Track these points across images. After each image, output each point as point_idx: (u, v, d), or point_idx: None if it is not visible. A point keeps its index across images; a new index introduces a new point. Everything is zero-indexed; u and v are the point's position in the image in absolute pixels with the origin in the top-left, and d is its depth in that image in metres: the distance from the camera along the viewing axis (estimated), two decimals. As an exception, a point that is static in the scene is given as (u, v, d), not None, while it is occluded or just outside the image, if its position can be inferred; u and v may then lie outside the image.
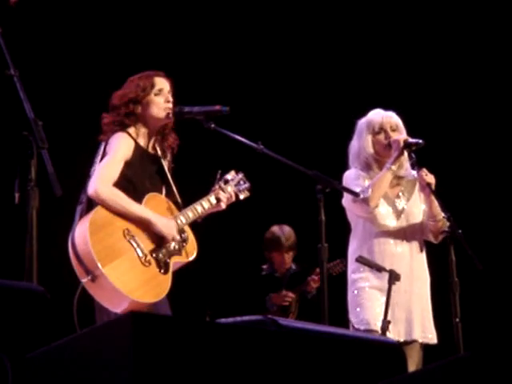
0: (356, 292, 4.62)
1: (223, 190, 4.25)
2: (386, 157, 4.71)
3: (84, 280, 3.74)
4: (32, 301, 2.59)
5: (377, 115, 4.77)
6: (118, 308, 3.76)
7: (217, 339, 2.53)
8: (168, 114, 4.11)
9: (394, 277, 4.46)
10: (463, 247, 4.40)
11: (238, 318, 2.88)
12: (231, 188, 4.30)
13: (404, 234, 4.68)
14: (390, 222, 4.67)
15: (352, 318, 4.62)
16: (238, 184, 4.35)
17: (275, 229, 6.40)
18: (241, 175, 4.39)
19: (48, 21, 6.40)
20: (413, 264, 4.64)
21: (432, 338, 4.63)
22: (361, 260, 4.53)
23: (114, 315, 3.78)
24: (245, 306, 6.11)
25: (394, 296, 4.50)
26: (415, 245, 4.69)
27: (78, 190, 4.02)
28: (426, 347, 4.67)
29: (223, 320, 2.90)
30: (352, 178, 4.70)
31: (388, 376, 2.76)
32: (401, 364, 2.95)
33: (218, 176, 4.30)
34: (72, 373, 2.42)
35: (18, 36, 4.45)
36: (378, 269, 4.50)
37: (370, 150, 4.72)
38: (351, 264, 4.70)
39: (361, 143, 4.75)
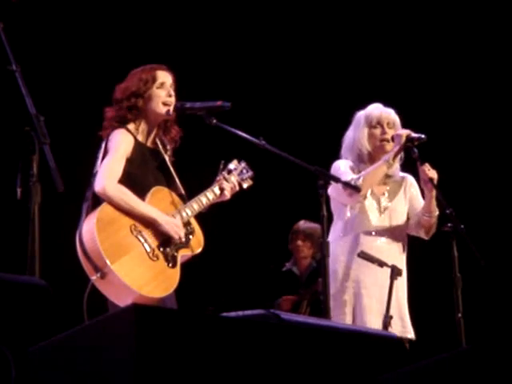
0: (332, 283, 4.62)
1: (227, 180, 4.26)
2: (379, 152, 4.73)
3: (93, 277, 3.74)
4: (34, 295, 2.59)
5: (376, 109, 4.78)
6: (127, 303, 3.75)
7: (219, 333, 2.54)
8: (168, 110, 4.11)
9: (395, 272, 4.47)
10: (465, 243, 4.40)
11: (240, 312, 2.88)
12: (234, 178, 4.30)
13: (386, 230, 4.69)
14: (373, 215, 4.70)
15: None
16: (240, 173, 4.35)
17: (301, 220, 6.36)
18: (243, 164, 4.39)
19: (49, 16, 6.40)
20: (391, 260, 4.60)
21: (409, 331, 4.61)
22: (362, 255, 4.53)
23: None
24: (257, 303, 6.07)
25: (372, 289, 4.54)
26: (396, 243, 4.70)
27: (80, 186, 4.02)
28: (427, 341, 4.67)
29: (225, 314, 2.91)
30: (342, 166, 4.68)
31: (389, 369, 2.76)
32: (402, 357, 2.96)
33: (221, 166, 4.30)
34: (74, 366, 2.43)
35: (20, 31, 4.45)
36: (380, 264, 4.51)
37: (365, 142, 4.74)
38: (332, 254, 4.69)
39: (356, 135, 4.76)
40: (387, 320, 4.43)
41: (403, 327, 4.60)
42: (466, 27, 7.06)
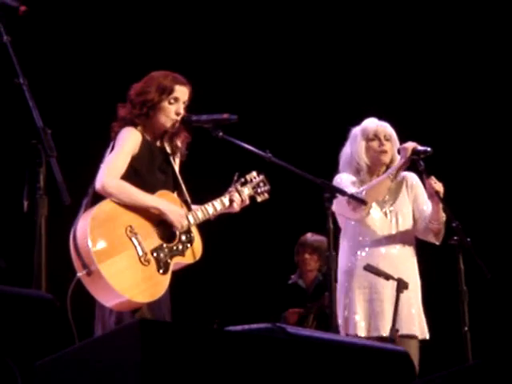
0: (343, 294, 4.62)
1: (239, 192, 4.25)
2: (377, 165, 4.76)
3: (80, 273, 3.75)
4: (41, 308, 2.59)
5: (372, 123, 4.82)
6: (110, 303, 3.79)
7: (225, 347, 2.53)
8: (173, 125, 4.11)
9: (401, 285, 4.47)
10: (472, 256, 4.40)
11: (246, 326, 2.87)
12: (248, 190, 4.29)
13: (394, 234, 4.70)
14: (379, 220, 4.70)
15: (340, 320, 4.62)
16: (257, 186, 4.34)
17: (308, 233, 6.35)
18: (261, 177, 4.38)
19: (56, 30, 6.43)
20: (399, 262, 4.63)
21: (422, 332, 4.61)
22: (368, 268, 4.53)
23: (114, 312, 3.80)
24: (263, 316, 6.05)
25: (383, 292, 4.54)
26: (407, 246, 4.71)
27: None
28: (433, 355, 4.66)
29: (231, 328, 2.90)
30: (344, 180, 4.69)
31: (396, 384, 2.75)
32: (409, 372, 2.95)
33: (235, 177, 4.29)
34: (80, 380, 2.42)
35: (27, 45, 4.47)
36: (386, 277, 4.51)
37: (363, 155, 4.76)
38: (341, 265, 4.68)
39: (354, 149, 4.78)
40: (393, 333, 4.42)
41: (421, 328, 4.61)
42: (469, 37, 7.06)
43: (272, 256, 6.85)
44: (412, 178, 4.83)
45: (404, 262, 4.65)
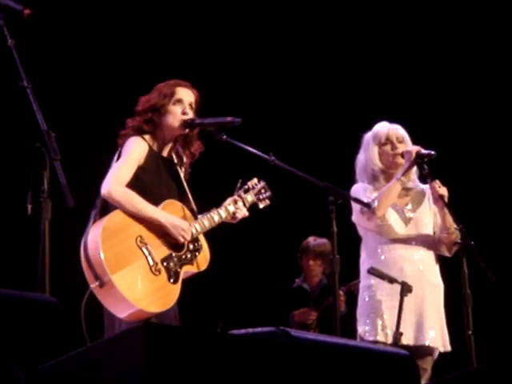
0: (367, 299, 4.62)
1: (243, 200, 4.26)
2: (393, 168, 4.73)
3: (92, 285, 3.75)
4: (44, 312, 2.59)
5: (383, 127, 4.80)
6: (123, 314, 3.78)
7: (229, 350, 2.53)
8: (183, 125, 4.12)
9: (405, 289, 4.46)
10: (475, 259, 4.39)
11: (250, 330, 2.87)
12: (251, 197, 4.30)
13: (414, 240, 4.66)
14: (399, 229, 4.67)
15: (360, 326, 4.61)
16: (258, 193, 4.35)
17: (309, 237, 6.35)
18: (263, 183, 4.39)
19: (60, 33, 6.44)
20: (424, 269, 4.62)
21: (445, 344, 4.60)
22: (373, 272, 4.52)
23: (123, 321, 3.80)
24: (267, 319, 6.05)
25: (405, 299, 4.50)
26: (427, 253, 4.67)
27: (91, 202, 4.02)
28: (437, 359, 4.65)
29: (235, 331, 2.91)
30: (359, 191, 4.69)
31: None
32: (413, 376, 2.94)
33: (239, 185, 4.30)
34: (85, 384, 2.43)
35: (32, 48, 4.48)
36: (390, 280, 4.49)
37: (377, 161, 4.74)
38: (363, 272, 4.70)
39: (367, 155, 4.77)
40: (397, 337, 4.42)
41: (443, 341, 4.59)
42: (477, 41, 7.06)
43: (276, 259, 6.85)
44: None
45: (428, 268, 4.63)
